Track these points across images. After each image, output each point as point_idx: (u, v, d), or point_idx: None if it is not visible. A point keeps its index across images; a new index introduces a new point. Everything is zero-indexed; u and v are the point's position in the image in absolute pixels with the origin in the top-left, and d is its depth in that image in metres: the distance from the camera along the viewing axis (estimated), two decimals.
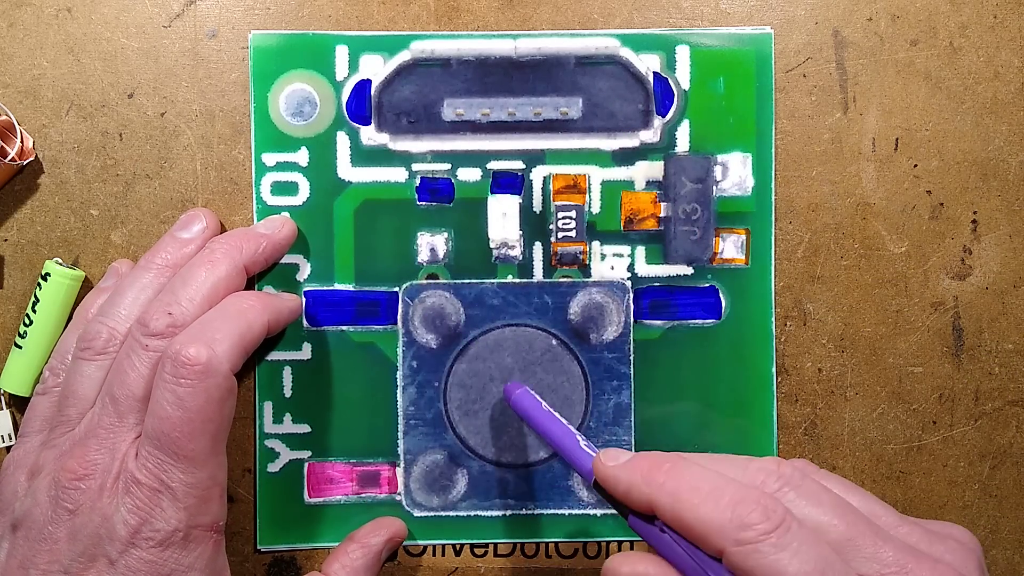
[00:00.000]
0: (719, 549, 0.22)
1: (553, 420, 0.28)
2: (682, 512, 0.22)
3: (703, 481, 0.23)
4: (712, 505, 0.22)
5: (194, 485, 0.26)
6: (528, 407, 0.29)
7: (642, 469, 0.24)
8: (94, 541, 0.26)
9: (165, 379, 0.26)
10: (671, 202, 0.32)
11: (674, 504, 0.22)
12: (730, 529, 0.21)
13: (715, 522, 0.22)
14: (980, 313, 0.32)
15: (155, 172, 0.31)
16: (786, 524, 0.21)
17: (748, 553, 0.21)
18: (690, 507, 0.22)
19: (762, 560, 0.21)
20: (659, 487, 0.23)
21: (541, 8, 0.31)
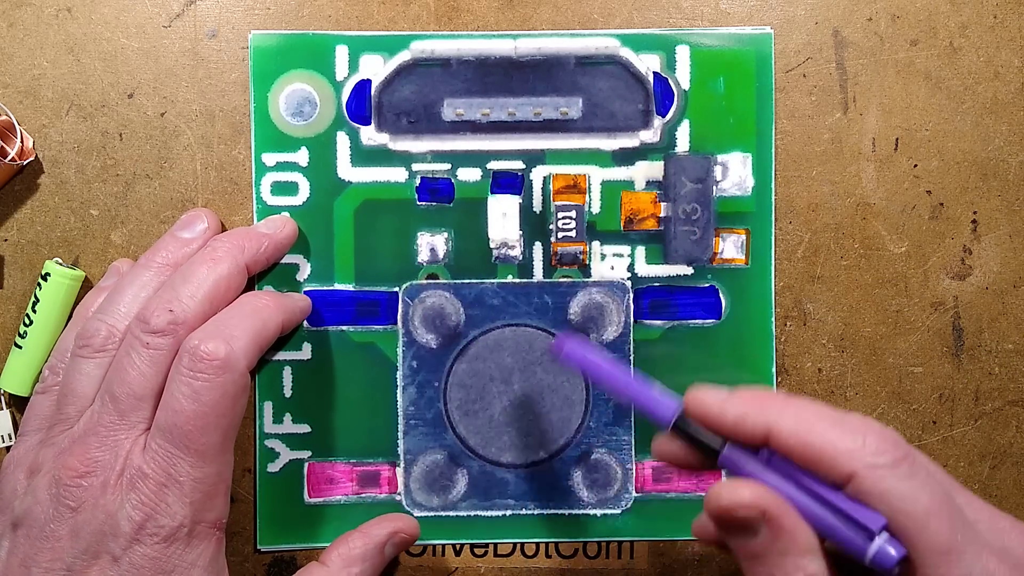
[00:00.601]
0: (849, 472, 0.21)
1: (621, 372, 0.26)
2: (809, 436, 0.22)
3: (826, 409, 0.22)
4: (840, 429, 0.22)
5: (202, 480, 0.26)
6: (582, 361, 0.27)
7: (753, 399, 0.23)
8: (97, 538, 0.26)
9: (182, 372, 0.26)
10: (671, 202, 0.32)
11: (798, 428, 0.22)
12: (863, 453, 0.21)
13: (845, 446, 0.21)
14: (980, 313, 0.32)
15: (155, 172, 0.31)
16: (913, 456, 0.21)
17: (881, 477, 0.21)
18: (819, 431, 0.22)
19: (895, 484, 0.21)
20: (780, 411, 0.22)
21: (541, 8, 0.31)
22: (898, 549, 0.21)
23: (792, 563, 0.21)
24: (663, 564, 0.32)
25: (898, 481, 0.21)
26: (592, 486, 0.32)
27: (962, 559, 0.20)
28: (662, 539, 0.32)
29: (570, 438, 0.32)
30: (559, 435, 0.32)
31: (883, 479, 0.21)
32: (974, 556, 0.20)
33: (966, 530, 0.21)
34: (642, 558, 0.32)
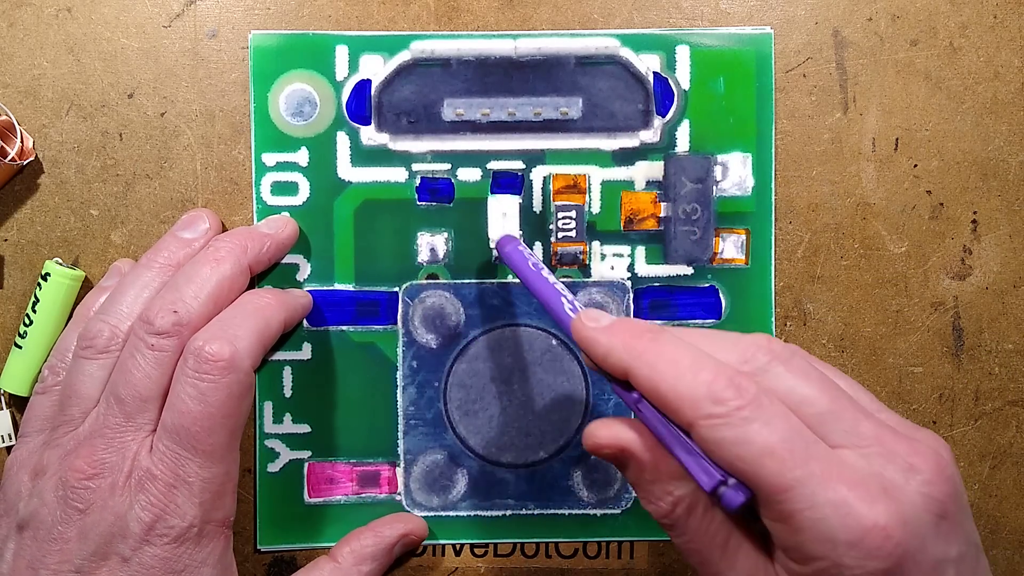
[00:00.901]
0: (690, 421, 0.22)
1: (540, 279, 0.27)
2: (657, 383, 0.22)
3: (682, 355, 0.23)
4: (689, 379, 0.22)
5: (210, 480, 0.26)
6: (516, 263, 0.28)
7: (623, 335, 0.24)
8: (106, 540, 0.26)
9: (187, 374, 0.26)
10: (671, 202, 0.32)
11: (651, 373, 0.23)
12: (702, 403, 0.22)
13: (689, 394, 0.22)
14: (980, 313, 0.32)
15: (155, 172, 0.31)
16: (758, 401, 0.21)
17: (717, 426, 0.21)
18: (666, 379, 0.22)
19: (730, 432, 0.21)
20: (638, 355, 0.23)
21: (541, 8, 0.31)
22: (739, 494, 0.21)
23: (660, 488, 0.23)
24: (663, 564, 0.32)
25: (731, 429, 0.21)
26: (592, 486, 0.32)
27: (802, 493, 0.21)
28: (662, 539, 0.32)
29: (570, 438, 0.32)
30: (559, 435, 0.32)
31: (717, 428, 0.21)
32: (818, 487, 0.21)
33: (812, 463, 0.21)
34: (642, 558, 0.32)
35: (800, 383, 0.23)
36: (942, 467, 0.22)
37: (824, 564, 0.21)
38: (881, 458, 0.22)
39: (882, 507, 0.21)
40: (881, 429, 0.22)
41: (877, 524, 0.20)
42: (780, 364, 0.23)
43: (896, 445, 0.22)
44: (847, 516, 0.20)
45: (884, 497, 0.21)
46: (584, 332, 0.24)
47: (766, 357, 0.23)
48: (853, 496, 0.21)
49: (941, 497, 0.21)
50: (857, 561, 0.20)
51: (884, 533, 0.20)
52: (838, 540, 0.20)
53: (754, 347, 0.23)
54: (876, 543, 0.20)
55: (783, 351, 0.23)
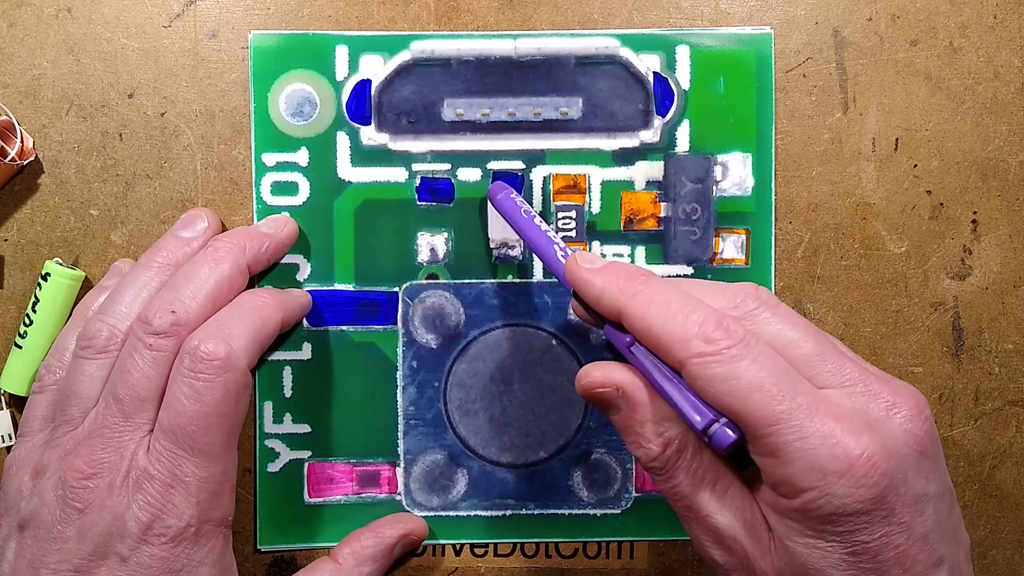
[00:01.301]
0: (680, 360, 0.23)
1: (533, 226, 0.28)
2: (650, 324, 0.23)
3: (674, 298, 0.23)
4: (680, 320, 0.23)
5: (207, 480, 0.26)
6: (508, 211, 0.29)
7: (618, 277, 0.24)
8: (105, 539, 0.26)
9: (183, 373, 0.26)
10: (671, 202, 0.32)
11: (644, 314, 0.23)
12: (694, 342, 0.22)
13: (680, 334, 0.23)
14: (980, 313, 0.32)
15: (155, 172, 0.31)
16: (746, 341, 0.22)
17: (707, 363, 0.22)
18: (658, 320, 0.23)
19: (719, 369, 0.22)
20: (631, 296, 0.24)
21: (541, 8, 0.31)
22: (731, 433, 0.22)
23: (651, 430, 0.24)
24: (663, 564, 0.32)
25: (721, 366, 0.22)
26: (592, 486, 0.32)
27: (790, 425, 0.21)
28: (662, 539, 0.32)
29: (570, 438, 0.32)
30: (559, 435, 0.32)
31: (707, 366, 0.22)
32: (805, 419, 0.21)
33: (799, 398, 0.22)
34: (642, 558, 0.32)
35: (786, 327, 0.24)
36: (920, 407, 0.23)
37: (813, 495, 0.21)
38: (864, 397, 0.23)
39: (867, 438, 0.21)
40: (864, 372, 0.23)
41: (864, 453, 0.21)
42: (768, 310, 0.24)
43: (878, 386, 0.23)
44: (835, 446, 0.21)
45: (869, 430, 0.22)
46: (579, 272, 0.25)
47: (754, 303, 0.24)
48: (840, 428, 0.21)
49: (921, 434, 0.22)
50: (846, 490, 0.21)
51: (871, 462, 0.21)
52: (827, 469, 0.21)
53: (742, 294, 0.24)
54: (864, 471, 0.21)
55: (770, 298, 0.24)
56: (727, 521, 0.24)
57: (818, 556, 0.22)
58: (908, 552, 0.22)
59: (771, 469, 0.22)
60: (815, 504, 0.22)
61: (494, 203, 0.30)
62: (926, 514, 0.22)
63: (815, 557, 0.22)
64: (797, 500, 0.22)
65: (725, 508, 0.24)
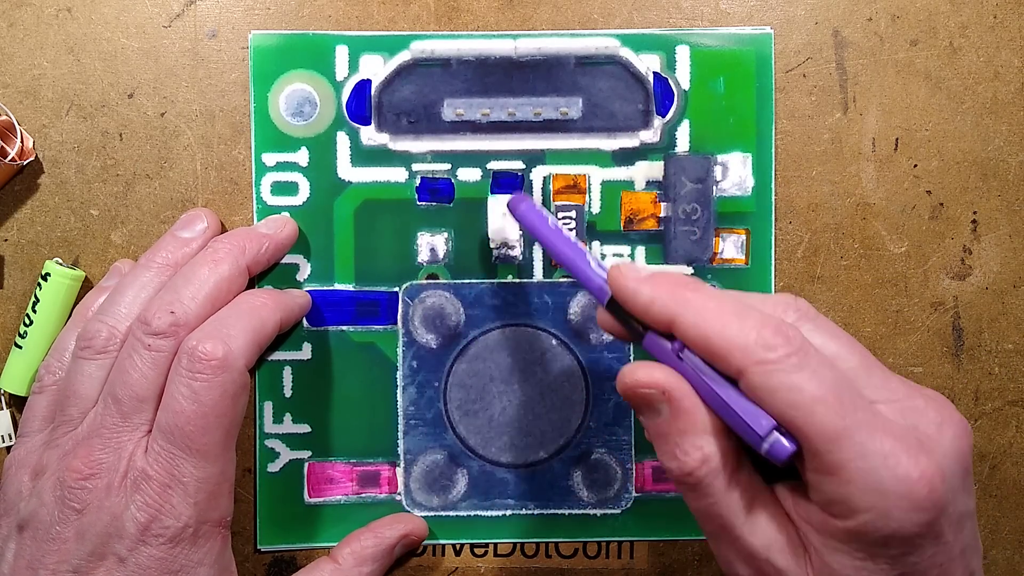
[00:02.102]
0: (740, 368, 0.22)
1: (562, 238, 0.27)
2: (707, 329, 0.22)
3: (728, 303, 0.23)
4: (737, 326, 0.22)
5: (205, 480, 0.26)
6: (533, 222, 0.27)
7: (667, 285, 0.23)
8: (103, 540, 0.26)
9: (181, 373, 0.26)
10: (671, 202, 0.32)
11: (698, 320, 0.22)
12: (754, 349, 0.21)
13: (739, 341, 0.22)
14: (980, 313, 0.32)
15: (155, 172, 0.31)
16: (805, 349, 0.21)
17: (769, 372, 0.21)
18: (715, 326, 0.22)
19: (783, 379, 0.21)
20: (685, 302, 0.23)
21: (541, 8, 0.31)
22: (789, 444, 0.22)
23: (690, 442, 0.23)
24: (663, 564, 0.32)
25: (785, 375, 0.21)
26: (592, 486, 0.32)
27: (852, 442, 0.21)
28: (662, 539, 0.32)
29: (570, 438, 0.32)
30: (559, 435, 0.32)
31: (770, 374, 0.21)
32: (867, 437, 0.21)
33: (859, 413, 0.21)
34: (642, 558, 0.32)
35: (829, 340, 0.23)
36: (964, 424, 0.22)
37: (869, 516, 0.21)
38: (912, 413, 0.22)
39: (925, 459, 0.21)
40: (908, 386, 0.23)
41: (924, 475, 0.21)
42: (808, 321, 0.23)
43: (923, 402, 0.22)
44: (897, 467, 0.21)
45: (924, 450, 0.21)
46: (625, 282, 0.24)
47: (795, 315, 0.23)
48: (899, 448, 0.21)
49: (967, 451, 0.22)
50: (904, 513, 0.21)
51: (929, 485, 0.21)
52: (888, 491, 0.20)
53: (783, 305, 0.23)
54: (922, 495, 0.21)
55: (809, 310, 0.24)
56: (762, 542, 0.23)
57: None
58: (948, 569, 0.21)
59: (827, 487, 0.21)
60: (872, 526, 0.21)
61: (516, 216, 0.28)
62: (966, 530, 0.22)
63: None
64: (851, 521, 0.21)
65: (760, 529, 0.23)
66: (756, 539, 0.23)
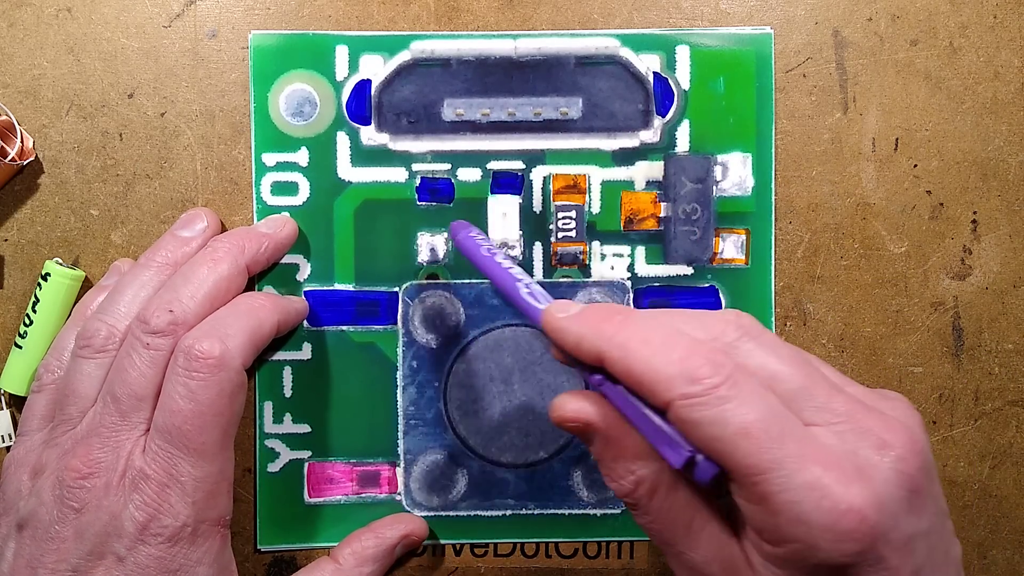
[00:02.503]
0: (666, 402, 0.21)
1: (495, 265, 0.27)
2: (631, 364, 0.22)
3: (654, 334, 0.22)
4: (662, 358, 0.22)
5: (203, 479, 0.26)
6: (470, 250, 0.28)
7: (592, 321, 0.23)
8: (102, 539, 0.26)
9: (177, 372, 0.26)
10: (671, 202, 0.32)
11: (623, 356, 0.22)
12: (677, 383, 0.21)
13: (663, 375, 0.21)
14: (980, 313, 0.32)
15: (155, 172, 0.31)
16: (733, 378, 0.21)
17: (692, 406, 0.21)
18: (639, 359, 0.22)
19: (707, 412, 0.21)
20: (608, 339, 0.23)
21: (541, 8, 0.31)
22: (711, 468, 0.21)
23: (623, 467, 0.23)
24: (663, 564, 0.32)
25: (708, 409, 0.21)
26: (592, 486, 0.32)
27: (777, 475, 0.20)
28: None
29: (570, 438, 0.32)
30: (559, 435, 0.32)
31: (694, 409, 0.21)
32: (794, 469, 0.20)
33: (788, 444, 0.21)
34: (642, 558, 0.32)
35: (771, 359, 0.22)
36: (914, 441, 0.22)
37: (797, 546, 0.21)
38: (854, 435, 0.22)
39: (856, 489, 0.20)
40: (853, 404, 0.22)
41: (852, 507, 0.20)
42: (751, 340, 0.23)
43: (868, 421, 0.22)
44: (823, 499, 0.20)
45: (859, 478, 0.21)
46: (554, 323, 0.24)
47: (736, 333, 0.23)
48: (828, 478, 0.20)
49: (913, 472, 0.21)
50: (831, 544, 0.20)
51: (859, 516, 0.20)
52: (813, 523, 0.20)
53: (723, 323, 0.23)
54: (851, 526, 0.20)
55: (752, 326, 0.23)
56: (703, 559, 0.23)
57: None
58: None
59: (755, 515, 0.21)
60: (800, 555, 0.21)
61: (455, 242, 0.29)
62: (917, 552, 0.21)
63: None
64: (781, 548, 0.21)
65: (701, 546, 0.23)
66: (698, 555, 0.23)
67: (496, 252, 0.28)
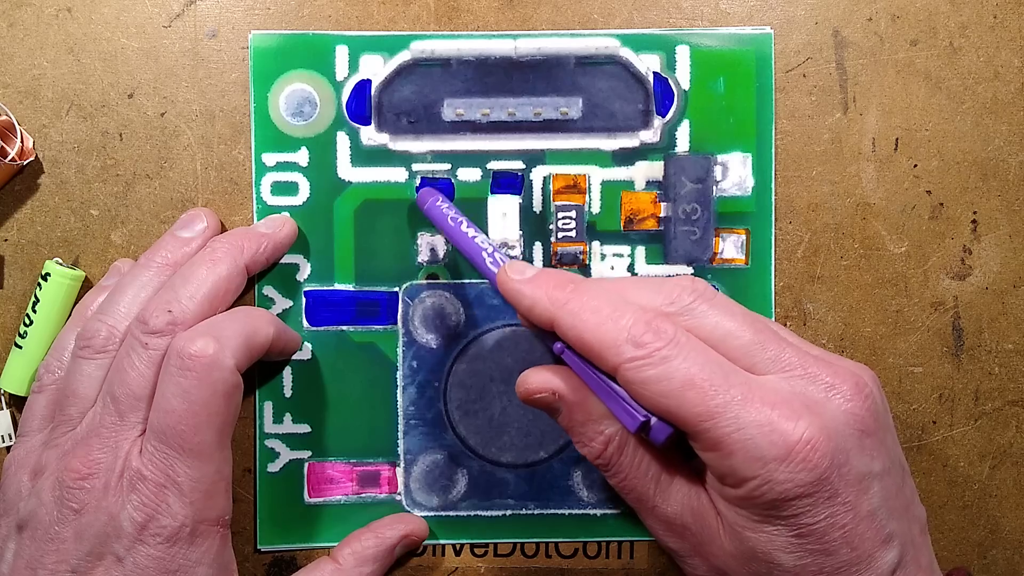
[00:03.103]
0: (613, 366, 0.23)
1: (461, 233, 0.28)
2: (582, 331, 0.24)
3: (604, 302, 0.24)
4: (610, 325, 0.23)
5: (200, 480, 0.26)
6: (437, 219, 0.29)
7: (547, 286, 0.25)
8: (101, 540, 0.26)
9: (171, 372, 0.26)
10: (671, 202, 0.32)
11: (574, 323, 0.24)
12: (624, 347, 0.23)
13: (610, 340, 0.23)
14: (980, 313, 0.32)
15: (155, 172, 0.31)
16: (676, 340, 0.23)
17: (639, 367, 0.22)
18: (588, 327, 0.23)
19: (651, 372, 0.22)
20: (561, 305, 0.24)
21: (541, 8, 0.31)
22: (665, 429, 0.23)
23: (592, 428, 0.25)
24: (663, 564, 0.32)
25: (652, 369, 0.22)
26: (592, 486, 0.32)
27: (726, 418, 0.22)
28: None
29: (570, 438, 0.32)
30: (559, 435, 0.32)
31: (639, 369, 0.23)
32: (741, 410, 0.22)
33: (733, 390, 0.22)
34: (642, 558, 0.32)
35: (724, 318, 0.24)
36: (860, 386, 0.23)
37: (755, 483, 0.22)
38: (804, 380, 0.23)
39: (805, 422, 0.22)
40: (804, 356, 0.24)
41: (803, 437, 0.22)
42: (704, 302, 0.24)
43: (817, 368, 0.23)
44: (772, 433, 0.22)
45: (807, 412, 0.22)
46: (509, 285, 0.25)
47: (690, 297, 0.24)
48: (776, 415, 0.22)
49: (861, 413, 0.23)
50: (787, 475, 0.22)
51: (810, 445, 0.22)
52: (767, 457, 0.22)
53: (678, 288, 0.24)
54: (803, 455, 0.22)
55: (706, 290, 0.25)
56: (675, 510, 0.25)
57: (766, 540, 0.23)
58: (855, 531, 0.22)
59: (714, 462, 0.23)
60: (758, 492, 0.22)
61: (422, 210, 0.30)
62: (872, 492, 0.23)
63: (763, 541, 0.23)
64: (741, 489, 0.22)
65: (672, 498, 0.25)
66: (670, 507, 0.25)
67: (462, 220, 0.28)
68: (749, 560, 0.23)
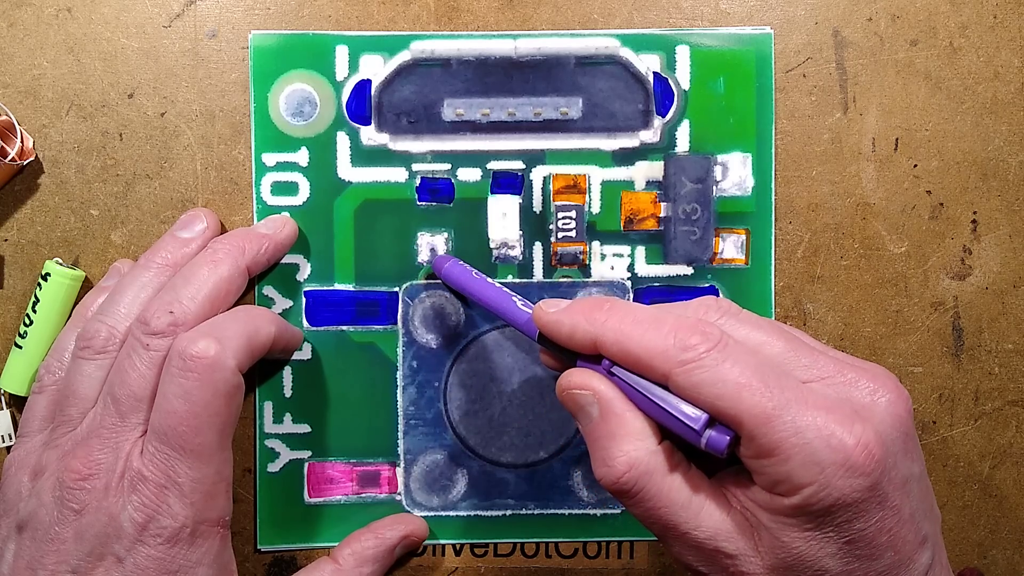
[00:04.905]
0: (664, 373, 0.23)
1: (487, 285, 0.29)
2: (627, 343, 0.23)
3: (643, 314, 0.24)
4: (655, 333, 0.23)
5: (200, 480, 0.26)
6: (459, 277, 0.30)
7: (584, 310, 0.25)
8: (101, 540, 0.26)
9: (172, 373, 0.26)
10: (671, 202, 0.32)
11: (618, 337, 0.24)
12: (673, 352, 0.23)
13: (659, 348, 0.23)
14: (980, 313, 0.32)
15: (155, 172, 0.31)
16: (724, 341, 0.23)
17: (691, 370, 0.22)
18: (633, 338, 0.23)
19: (704, 374, 0.22)
20: (602, 324, 0.24)
21: (541, 8, 0.31)
22: (725, 435, 0.22)
23: (617, 447, 0.24)
24: (663, 564, 0.32)
25: (706, 371, 0.22)
26: (592, 486, 0.32)
27: (783, 421, 0.21)
28: None
29: (570, 438, 0.32)
30: (559, 435, 0.32)
31: (692, 372, 0.22)
32: (797, 414, 0.22)
33: (787, 392, 0.22)
34: (642, 558, 0.32)
35: (753, 331, 0.24)
36: (900, 389, 0.23)
37: (813, 489, 0.22)
38: (845, 386, 0.23)
39: (860, 427, 0.22)
40: (838, 362, 0.24)
41: (860, 442, 0.21)
42: (731, 318, 0.24)
43: (854, 373, 0.23)
44: (831, 437, 0.21)
45: (859, 418, 0.22)
46: (547, 317, 0.25)
47: (716, 314, 0.24)
48: (831, 419, 0.22)
49: (905, 415, 0.23)
50: (844, 480, 0.21)
51: (867, 451, 0.21)
52: (825, 462, 0.21)
53: (704, 307, 0.25)
54: (861, 461, 0.21)
55: (731, 307, 0.25)
56: (707, 534, 0.24)
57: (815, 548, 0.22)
58: (899, 534, 0.22)
59: (767, 469, 0.22)
60: (815, 498, 0.22)
61: (441, 275, 0.30)
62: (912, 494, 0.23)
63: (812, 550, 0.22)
64: (796, 497, 0.22)
65: (704, 522, 0.24)
66: (702, 531, 0.24)
67: (482, 276, 0.29)
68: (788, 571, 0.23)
